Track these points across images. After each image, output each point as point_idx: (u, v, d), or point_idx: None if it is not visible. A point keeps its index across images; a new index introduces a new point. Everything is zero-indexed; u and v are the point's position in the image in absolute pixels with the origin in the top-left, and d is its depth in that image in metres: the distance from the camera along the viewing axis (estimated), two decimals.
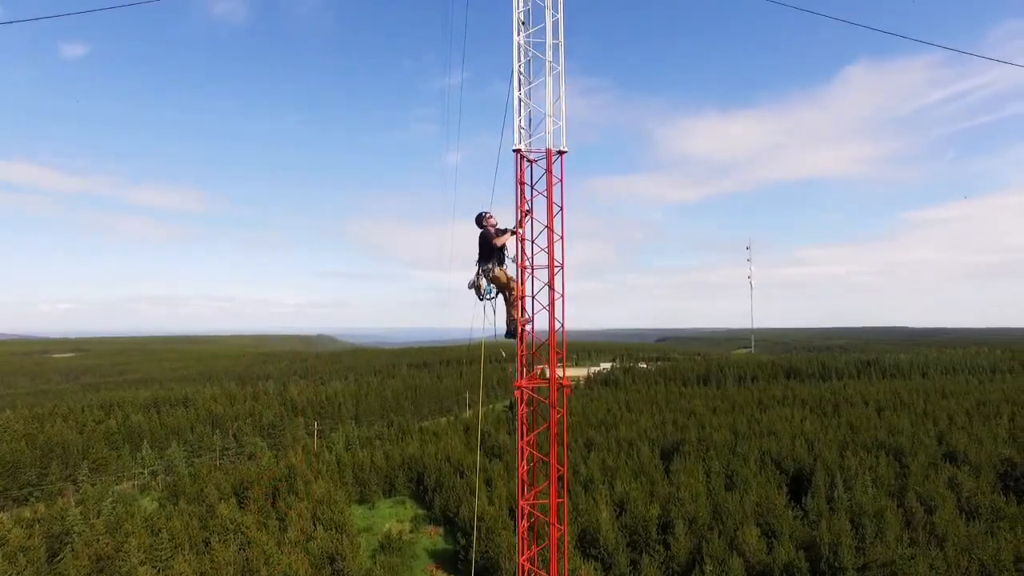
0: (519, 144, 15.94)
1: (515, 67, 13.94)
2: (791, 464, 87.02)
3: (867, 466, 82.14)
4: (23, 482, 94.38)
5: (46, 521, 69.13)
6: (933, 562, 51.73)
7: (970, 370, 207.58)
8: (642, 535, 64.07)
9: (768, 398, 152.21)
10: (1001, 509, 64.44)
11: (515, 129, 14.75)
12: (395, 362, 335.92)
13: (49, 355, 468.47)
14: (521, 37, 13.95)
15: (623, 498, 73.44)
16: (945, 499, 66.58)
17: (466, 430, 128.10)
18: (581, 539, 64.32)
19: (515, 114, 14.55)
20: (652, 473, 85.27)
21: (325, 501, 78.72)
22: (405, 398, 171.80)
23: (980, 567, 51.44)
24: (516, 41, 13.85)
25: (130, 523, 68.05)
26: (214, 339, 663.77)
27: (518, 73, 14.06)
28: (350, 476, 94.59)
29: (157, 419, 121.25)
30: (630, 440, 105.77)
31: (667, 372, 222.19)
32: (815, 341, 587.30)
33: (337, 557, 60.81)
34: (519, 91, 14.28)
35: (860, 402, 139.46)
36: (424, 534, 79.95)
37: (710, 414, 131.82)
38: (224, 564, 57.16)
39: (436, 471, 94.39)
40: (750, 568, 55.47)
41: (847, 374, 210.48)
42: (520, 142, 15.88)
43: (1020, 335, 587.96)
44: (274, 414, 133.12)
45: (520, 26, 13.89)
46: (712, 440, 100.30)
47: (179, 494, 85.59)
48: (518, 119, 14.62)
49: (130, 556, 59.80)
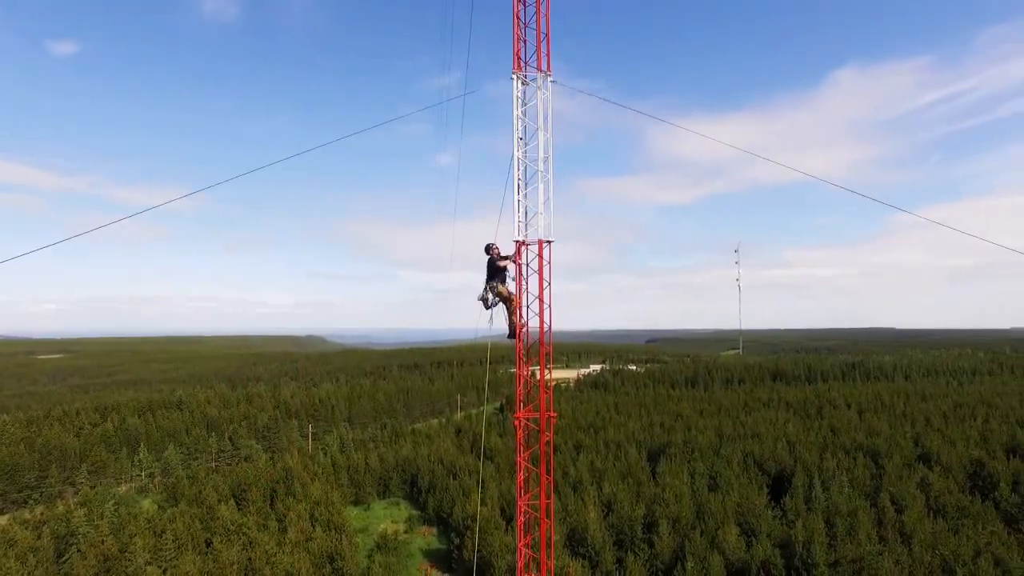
0: (518, 236, 20.36)
1: (515, 175, 17.30)
2: (773, 466, 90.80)
3: (845, 467, 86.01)
4: (22, 484, 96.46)
5: (52, 523, 71.51)
6: (899, 558, 55.44)
7: (951, 372, 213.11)
8: (628, 534, 67.46)
9: (754, 400, 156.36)
10: (966, 507, 68.37)
11: (515, 223, 18.30)
12: (386, 364, 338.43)
13: (35, 356, 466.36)
14: (520, 152, 17.26)
15: (610, 499, 76.82)
16: (915, 499, 70.45)
17: (457, 432, 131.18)
18: (570, 538, 67.64)
19: (514, 212, 18.04)
20: (639, 475, 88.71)
21: (322, 502, 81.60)
22: (397, 400, 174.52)
23: (942, 562, 55.14)
24: (516, 156, 17.19)
25: (134, 524, 70.65)
26: (202, 340, 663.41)
27: (517, 180, 17.39)
28: (345, 478, 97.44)
29: (153, 422, 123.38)
30: (618, 442, 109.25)
31: (655, 374, 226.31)
32: (803, 342, 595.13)
33: (336, 556, 63.74)
34: (518, 194, 17.65)
35: (843, 404, 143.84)
36: (418, 534, 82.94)
37: (697, 417, 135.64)
38: (228, 564, 59.93)
39: (429, 473, 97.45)
40: (729, 565, 58.95)
41: (832, 376, 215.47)
42: (518, 234, 20.24)
43: (1001, 336, 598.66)
44: (268, 417, 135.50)
45: (519, 142, 17.17)
46: (697, 443, 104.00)
47: (178, 496, 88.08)
48: (516, 215, 18.10)
49: (136, 556, 62.48)
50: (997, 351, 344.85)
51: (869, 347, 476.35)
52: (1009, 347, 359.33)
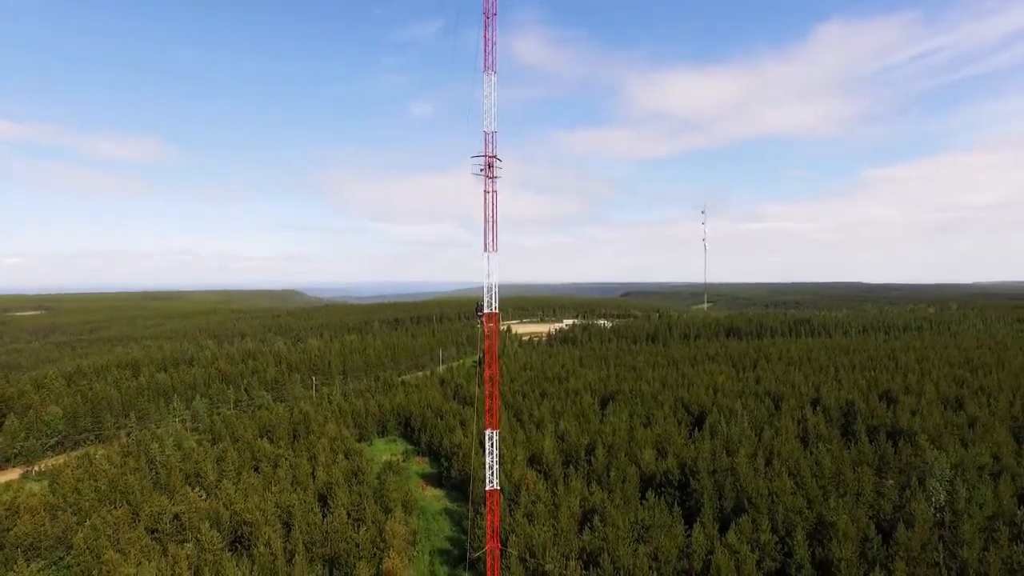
0: (486, 310, 44.05)
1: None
2: (696, 408, 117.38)
3: (750, 408, 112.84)
4: (81, 428, 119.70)
5: (135, 454, 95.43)
6: (758, 467, 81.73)
7: (886, 328, 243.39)
8: (574, 456, 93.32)
9: (702, 355, 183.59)
10: (824, 435, 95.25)
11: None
12: (367, 319, 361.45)
13: (12, 313, 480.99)
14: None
15: (564, 432, 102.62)
16: (789, 430, 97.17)
17: (441, 383, 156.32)
18: (531, 459, 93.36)
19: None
20: (589, 415, 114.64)
21: (338, 438, 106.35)
22: (385, 356, 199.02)
23: (792, 471, 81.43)
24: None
25: (199, 452, 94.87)
26: (179, 295, 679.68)
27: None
28: (351, 421, 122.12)
29: (177, 377, 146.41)
30: (577, 390, 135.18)
31: (620, 330, 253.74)
32: (774, 297, 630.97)
33: (359, 472, 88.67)
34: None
35: (776, 358, 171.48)
36: (414, 462, 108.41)
37: (649, 369, 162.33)
38: (281, 478, 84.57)
39: (421, 415, 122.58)
40: (643, 475, 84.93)
41: (780, 332, 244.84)
42: (488, 307, 43.70)
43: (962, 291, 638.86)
44: (275, 371, 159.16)
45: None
46: (641, 391, 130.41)
47: (217, 436, 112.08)
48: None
49: (208, 474, 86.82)
50: (944, 307, 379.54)
51: (833, 302, 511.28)
52: (956, 304, 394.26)
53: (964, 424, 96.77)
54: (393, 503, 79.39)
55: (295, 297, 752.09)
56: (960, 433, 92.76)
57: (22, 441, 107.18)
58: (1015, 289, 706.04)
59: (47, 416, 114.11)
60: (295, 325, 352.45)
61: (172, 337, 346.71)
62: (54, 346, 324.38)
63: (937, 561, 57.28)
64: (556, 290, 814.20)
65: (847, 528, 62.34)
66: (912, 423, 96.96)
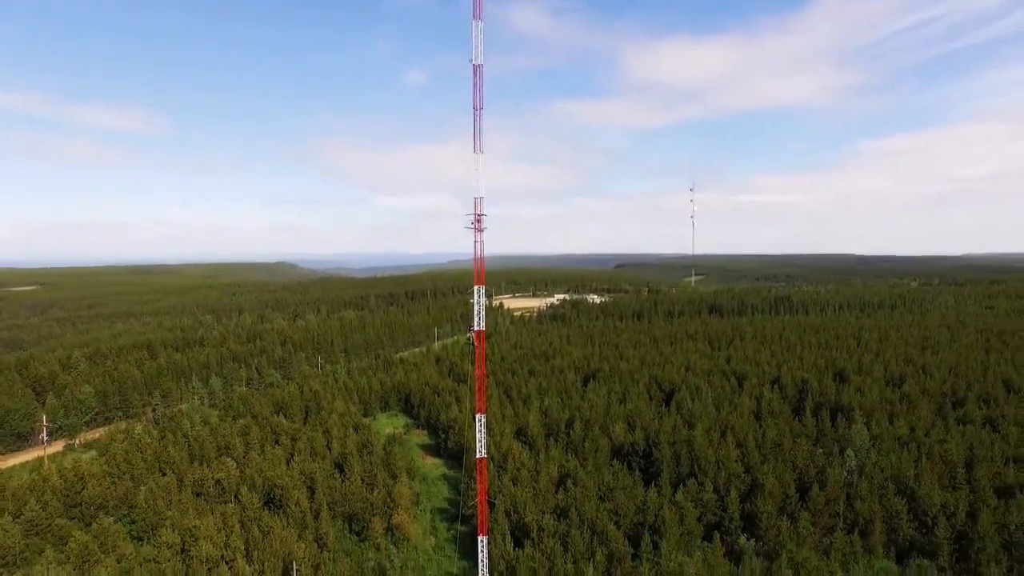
0: (475, 328, 58.21)
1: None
2: (668, 385, 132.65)
3: (715, 387, 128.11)
4: (111, 406, 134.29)
5: (171, 428, 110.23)
6: (712, 438, 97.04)
7: (860, 306, 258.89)
8: (555, 429, 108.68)
9: (682, 333, 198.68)
10: (776, 411, 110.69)
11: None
12: (363, 294, 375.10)
13: (8, 288, 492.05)
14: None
15: (548, 408, 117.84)
16: (746, 406, 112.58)
17: (437, 361, 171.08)
18: (517, 432, 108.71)
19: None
20: (572, 392, 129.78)
21: (346, 414, 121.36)
22: (384, 333, 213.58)
23: (740, 443, 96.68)
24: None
25: (224, 427, 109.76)
26: (172, 268, 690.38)
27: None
28: (355, 397, 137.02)
29: (192, 357, 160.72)
30: (562, 368, 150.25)
31: (608, 307, 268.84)
32: (765, 270, 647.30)
33: (368, 443, 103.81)
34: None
35: (750, 337, 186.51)
36: (414, 435, 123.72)
37: (631, 348, 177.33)
38: (301, 450, 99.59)
39: (420, 392, 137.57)
40: (613, 445, 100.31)
41: (760, 310, 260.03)
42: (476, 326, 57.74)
43: (952, 263, 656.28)
44: (282, 351, 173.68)
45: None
46: (620, 369, 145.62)
47: (237, 413, 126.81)
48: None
49: (236, 447, 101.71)
50: (927, 281, 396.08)
51: (822, 276, 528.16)
52: (938, 278, 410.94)
53: (897, 400, 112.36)
54: (399, 470, 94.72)
55: (288, 270, 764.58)
56: (891, 408, 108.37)
57: (63, 418, 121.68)
58: (1002, 261, 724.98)
59: (81, 395, 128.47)
60: (292, 300, 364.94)
61: (171, 313, 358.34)
62: (55, 322, 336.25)
63: (838, 512, 72.93)
64: (550, 261, 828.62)
65: (773, 488, 77.93)
66: (853, 400, 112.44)
